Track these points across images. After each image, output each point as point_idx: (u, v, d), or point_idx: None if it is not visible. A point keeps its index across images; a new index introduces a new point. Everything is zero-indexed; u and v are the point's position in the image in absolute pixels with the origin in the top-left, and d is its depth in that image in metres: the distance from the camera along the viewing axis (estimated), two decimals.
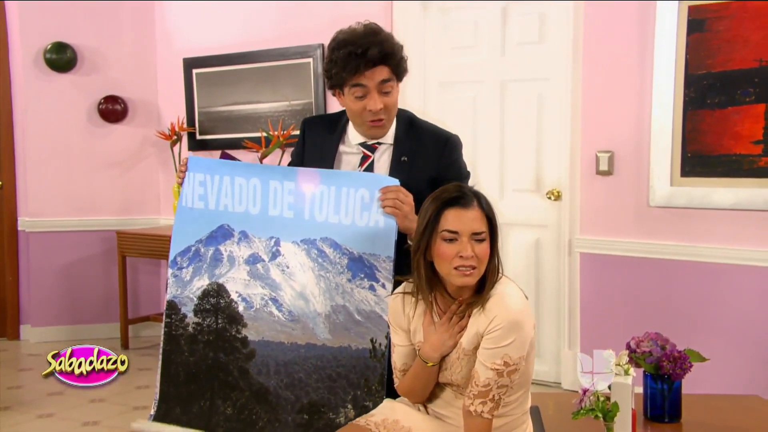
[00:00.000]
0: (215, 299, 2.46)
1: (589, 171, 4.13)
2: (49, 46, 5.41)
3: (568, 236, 4.27)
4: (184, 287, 2.53)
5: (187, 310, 2.51)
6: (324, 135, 2.48)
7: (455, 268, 1.95)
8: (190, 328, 2.49)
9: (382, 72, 2.29)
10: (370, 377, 2.27)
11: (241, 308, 2.42)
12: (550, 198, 4.38)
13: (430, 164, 2.37)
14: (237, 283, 2.44)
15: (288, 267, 2.38)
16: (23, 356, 5.27)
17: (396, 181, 2.30)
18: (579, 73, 4.13)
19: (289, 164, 2.61)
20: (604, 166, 4.07)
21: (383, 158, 2.41)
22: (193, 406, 2.46)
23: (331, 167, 2.42)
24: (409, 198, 2.26)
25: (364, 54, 2.26)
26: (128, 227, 5.55)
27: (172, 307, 2.54)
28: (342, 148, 2.45)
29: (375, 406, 2.23)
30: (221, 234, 2.48)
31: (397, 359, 2.14)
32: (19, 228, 5.60)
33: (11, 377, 4.75)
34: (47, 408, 4.09)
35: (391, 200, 2.25)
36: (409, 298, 2.10)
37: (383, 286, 2.27)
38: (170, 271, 2.56)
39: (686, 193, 3.82)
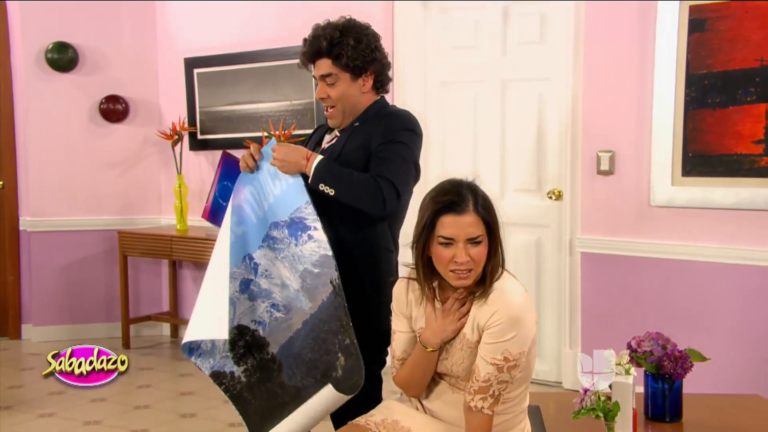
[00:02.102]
0: (243, 340, 2.49)
1: (590, 170, 4.13)
2: (50, 46, 5.42)
3: (569, 236, 4.27)
4: (215, 353, 2.55)
5: (230, 367, 2.52)
6: (325, 126, 2.64)
7: (451, 271, 1.97)
8: (243, 379, 2.50)
9: (322, 66, 2.45)
10: (341, 315, 2.30)
11: (261, 332, 2.46)
12: (551, 198, 4.38)
13: (372, 133, 2.42)
14: (247, 315, 2.48)
15: (267, 270, 2.44)
16: (24, 355, 5.27)
17: (272, 141, 2.46)
18: (580, 73, 4.13)
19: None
20: (605, 166, 4.07)
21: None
22: None
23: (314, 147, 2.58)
24: (280, 149, 2.39)
25: (303, 47, 2.49)
26: (129, 227, 5.56)
27: (217, 375, 2.54)
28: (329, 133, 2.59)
29: (351, 338, 2.27)
30: None
31: (397, 347, 2.14)
32: (21, 227, 5.60)
33: (12, 376, 4.75)
34: (48, 407, 4.09)
35: (274, 161, 2.40)
36: (414, 285, 2.11)
37: (315, 228, 2.34)
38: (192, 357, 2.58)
39: (687, 193, 3.82)
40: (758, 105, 3.60)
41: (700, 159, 3.77)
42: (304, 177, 2.39)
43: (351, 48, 2.39)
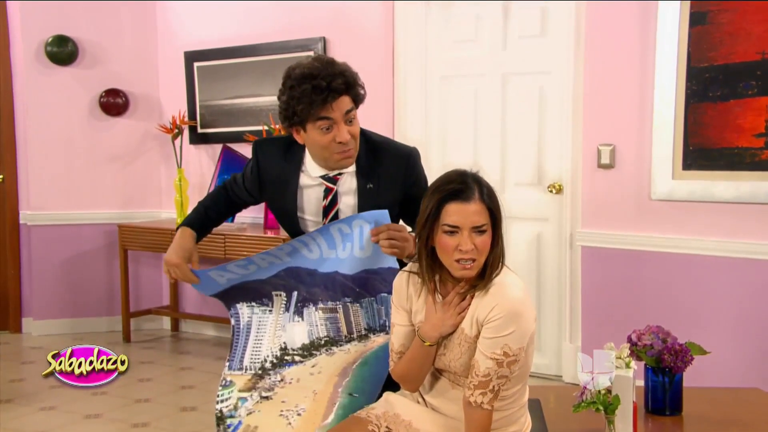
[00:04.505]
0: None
1: (590, 164, 4.13)
2: (50, 39, 5.41)
3: (570, 230, 4.27)
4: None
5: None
6: (281, 164, 2.41)
7: (456, 261, 1.96)
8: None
9: (346, 102, 2.25)
10: None
11: None
12: (551, 191, 4.38)
13: (396, 186, 2.36)
14: None
15: None
16: (25, 349, 5.28)
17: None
18: (581, 67, 4.12)
19: (243, 181, 2.53)
20: (605, 160, 4.06)
21: (345, 187, 2.38)
22: None
23: (294, 202, 2.40)
24: (403, 232, 2.25)
25: (329, 86, 2.20)
26: (130, 221, 5.56)
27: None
28: (303, 181, 2.39)
29: None
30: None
31: (395, 340, 2.13)
32: (21, 221, 5.61)
33: (13, 370, 4.76)
34: (49, 401, 4.10)
35: (388, 241, 2.25)
36: (415, 278, 2.10)
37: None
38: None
39: (688, 187, 3.81)
40: (759, 98, 3.59)
41: (701, 152, 3.76)
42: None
43: (362, 87, 2.29)
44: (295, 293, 2.40)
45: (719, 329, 3.75)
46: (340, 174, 2.36)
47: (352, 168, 2.36)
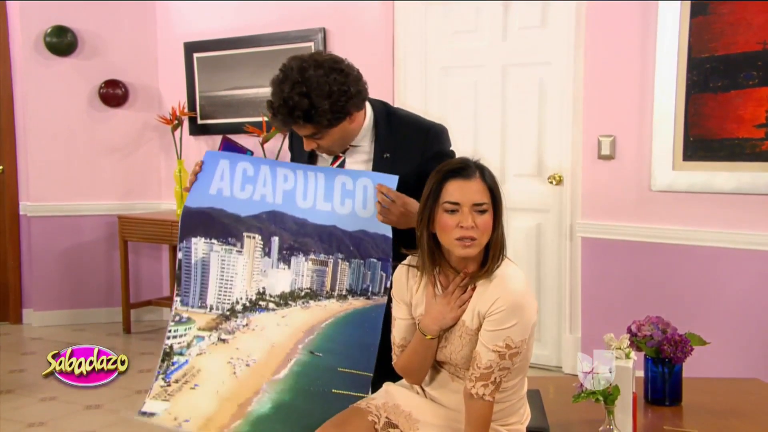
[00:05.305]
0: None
1: (590, 155, 4.12)
2: (49, 30, 5.39)
3: (570, 221, 4.27)
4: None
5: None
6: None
7: (456, 239, 1.94)
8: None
9: (303, 129, 2.25)
10: None
11: None
12: (551, 182, 4.37)
13: (412, 158, 2.35)
14: None
15: None
16: (25, 340, 5.29)
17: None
18: (581, 57, 4.12)
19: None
20: (605, 151, 4.06)
21: (356, 156, 2.39)
22: None
23: (310, 162, 2.46)
24: (400, 200, 2.23)
25: (275, 117, 2.24)
26: (130, 212, 5.55)
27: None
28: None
29: None
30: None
31: (397, 333, 2.13)
32: (21, 212, 5.61)
33: (14, 361, 4.77)
34: (49, 391, 4.10)
35: (379, 205, 2.24)
36: (414, 271, 2.09)
37: None
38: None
39: (688, 178, 3.81)
40: (760, 89, 3.58)
41: (702, 143, 3.76)
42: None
43: (327, 111, 2.19)
44: (276, 239, 2.37)
45: (719, 320, 3.76)
46: (351, 144, 2.38)
47: (369, 138, 2.38)
